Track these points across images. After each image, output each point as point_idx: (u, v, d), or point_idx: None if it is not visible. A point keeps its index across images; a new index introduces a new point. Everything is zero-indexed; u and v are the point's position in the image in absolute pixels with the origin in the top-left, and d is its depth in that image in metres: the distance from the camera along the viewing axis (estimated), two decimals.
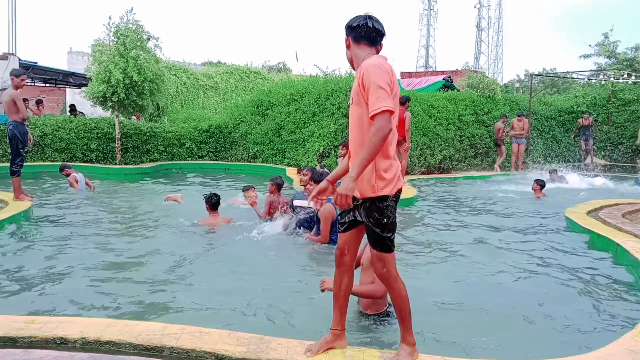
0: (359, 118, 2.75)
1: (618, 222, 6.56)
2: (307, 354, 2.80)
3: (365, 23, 2.80)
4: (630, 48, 20.97)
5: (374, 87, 2.59)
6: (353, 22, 2.84)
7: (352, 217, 2.86)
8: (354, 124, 2.81)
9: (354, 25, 2.83)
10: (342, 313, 2.94)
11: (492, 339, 3.58)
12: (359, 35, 2.82)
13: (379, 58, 2.75)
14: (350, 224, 2.89)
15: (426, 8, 60.74)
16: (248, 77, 21.44)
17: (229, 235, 6.30)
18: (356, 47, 2.85)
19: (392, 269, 2.79)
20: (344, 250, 2.89)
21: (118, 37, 11.79)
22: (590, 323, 3.91)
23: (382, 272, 2.80)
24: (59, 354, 2.81)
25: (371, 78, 2.61)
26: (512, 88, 33.43)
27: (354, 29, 2.83)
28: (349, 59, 2.93)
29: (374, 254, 2.79)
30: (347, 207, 2.64)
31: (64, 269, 4.86)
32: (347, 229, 2.90)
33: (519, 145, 14.42)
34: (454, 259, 5.59)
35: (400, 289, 2.82)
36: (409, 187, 10.14)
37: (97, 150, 12.73)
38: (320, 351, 2.82)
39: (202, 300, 4.09)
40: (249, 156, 13.88)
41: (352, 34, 2.84)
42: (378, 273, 2.83)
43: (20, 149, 7.68)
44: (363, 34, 2.81)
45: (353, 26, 2.83)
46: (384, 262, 2.77)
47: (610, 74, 18.13)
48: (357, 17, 2.85)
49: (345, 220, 2.90)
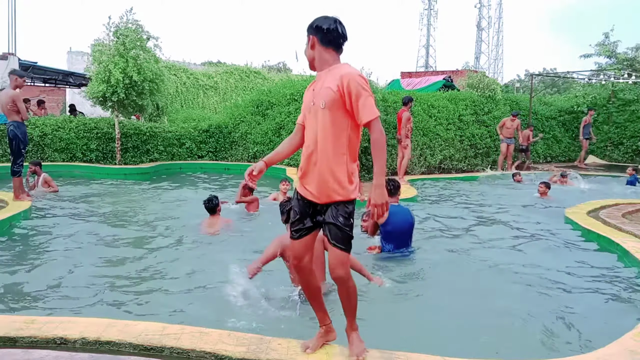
0: (333, 123, 2.73)
1: (618, 222, 6.57)
2: (308, 351, 2.89)
3: (335, 27, 2.78)
4: (630, 48, 20.95)
5: (364, 95, 2.67)
6: (323, 24, 2.78)
7: (310, 223, 2.89)
8: (326, 127, 2.75)
9: (325, 28, 2.77)
10: (323, 310, 3.03)
11: (492, 338, 3.58)
12: (328, 39, 2.78)
13: (353, 67, 2.79)
14: (308, 230, 2.91)
15: (426, 8, 60.84)
16: (248, 77, 21.43)
17: (230, 235, 6.31)
18: (323, 49, 2.81)
19: (349, 268, 2.86)
20: (302, 257, 2.92)
21: (118, 37, 11.78)
22: (590, 323, 3.91)
23: (342, 275, 2.80)
24: (59, 354, 2.81)
25: (360, 87, 2.67)
26: (512, 88, 33.43)
27: (323, 32, 2.78)
28: (309, 58, 2.88)
29: (338, 255, 2.78)
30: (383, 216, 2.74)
31: (64, 268, 4.86)
32: (301, 235, 2.91)
33: (508, 145, 14.17)
34: (453, 259, 5.59)
35: (354, 286, 2.90)
36: (409, 187, 10.15)
37: (96, 150, 12.73)
38: (318, 347, 2.94)
39: (202, 300, 4.10)
40: (249, 156, 13.87)
41: (320, 35, 2.79)
42: (338, 276, 2.81)
43: (21, 149, 7.69)
44: (332, 38, 2.79)
45: (323, 29, 2.77)
46: (344, 264, 2.80)
47: (610, 73, 18.13)
48: (326, 18, 2.81)
49: (303, 227, 2.90)
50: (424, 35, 61.07)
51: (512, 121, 14.01)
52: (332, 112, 2.73)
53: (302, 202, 2.88)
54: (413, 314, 4.03)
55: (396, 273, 4.95)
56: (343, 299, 2.91)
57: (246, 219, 7.37)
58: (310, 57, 2.87)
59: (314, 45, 2.83)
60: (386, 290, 4.41)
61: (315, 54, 2.84)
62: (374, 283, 4.42)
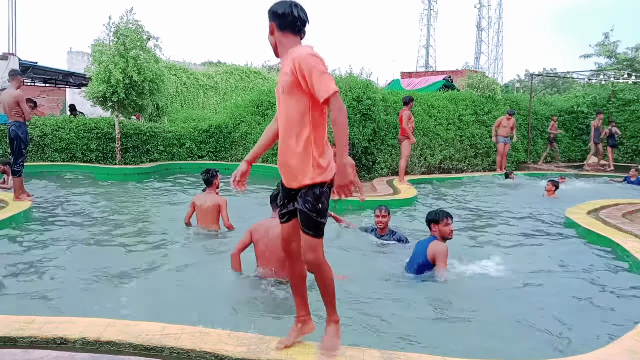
0: (294, 106, 2.72)
1: (618, 222, 6.57)
2: (279, 346, 2.86)
3: (290, 11, 2.74)
4: (630, 48, 21.01)
5: (316, 73, 2.59)
6: (278, 9, 2.75)
7: (292, 207, 2.89)
8: (288, 111, 2.75)
9: (280, 13, 2.75)
10: (303, 300, 3.02)
11: (492, 338, 3.58)
12: (284, 23, 2.76)
13: (308, 47, 2.74)
14: (291, 214, 2.91)
15: (426, 8, 60.87)
16: (248, 77, 21.42)
17: (230, 236, 6.30)
18: (281, 35, 2.79)
19: (321, 255, 2.83)
20: (290, 240, 2.94)
21: (118, 37, 11.78)
22: (591, 323, 3.91)
23: (312, 260, 2.81)
24: (59, 354, 2.81)
25: (311, 66, 2.61)
26: (512, 88, 33.42)
27: (279, 17, 2.75)
28: (272, 45, 2.85)
29: (307, 241, 2.79)
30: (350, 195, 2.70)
31: (64, 269, 4.87)
32: (289, 219, 2.93)
33: (504, 144, 14.11)
34: (453, 259, 5.58)
35: (329, 272, 2.88)
36: (409, 187, 10.15)
37: (97, 150, 12.73)
38: (292, 341, 2.90)
39: (202, 300, 4.09)
40: None
41: (277, 21, 2.76)
42: (308, 261, 2.83)
43: (22, 149, 7.69)
44: (288, 23, 2.76)
45: (278, 13, 2.75)
46: (314, 249, 2.79)
47: (610, 73, 18.13)
48: (282, 2, 2.78)
49: (286, 211, 2.92)
50: (423, 36, 61.16)
51: (507, 120, 13.83)
52: (291, 96, 2.72)
53: (283, 187, 2.92)
54: (413, 314, 4.02)
55: (396, 273, 4.95)
56: (320, 287, 2.90)
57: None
58: (272, 43, 2.84)
59: (273, 31, 2.80)
60: (386, 290, 4.41)
61: (276, 39, 2.81)
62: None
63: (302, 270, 3.00)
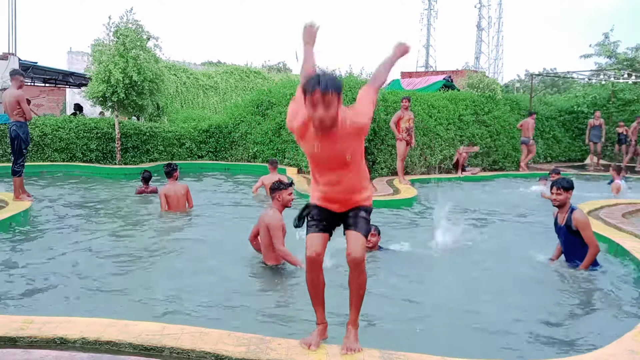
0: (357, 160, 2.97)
1: (618, 222, 6.56)
2: (312, 348, 2.89)
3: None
4: (630, 48, 21.00)
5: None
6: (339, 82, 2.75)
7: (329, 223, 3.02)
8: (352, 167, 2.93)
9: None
10: (323, 308, 3.08)
11: (492, 338, 3.58)
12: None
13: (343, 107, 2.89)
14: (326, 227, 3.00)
15: (426, 8, 60.77)
16: (248, 77, 21.43)
17: (231, 235, 6.30)
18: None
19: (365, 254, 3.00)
20: (320, 252, 2.94)
21: (118, 37, 11.78)
22: (591, 323, 3.92)
23: (363, 257, 2.88)
24: (59, 353, 2.81)
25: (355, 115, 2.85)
26: (512, 88, 33.42)
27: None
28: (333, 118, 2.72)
29: (361, 240, 2.90)
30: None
31: (64, 268, 4.87)
32: (322, 230, 2.98)
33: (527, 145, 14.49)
34: (453, 259, 5.59)
35: (366, 275, 2.97)
36: (409, 187, 10.15)
37: (96, 150, 12.73)
38: (319, 344, 2.95)
39: (202, 300, 4.09)
40: (249, 156, 13.87)
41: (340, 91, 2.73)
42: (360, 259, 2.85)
43: (23, 149, 7.69)
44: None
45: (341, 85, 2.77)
46: (364, 247, 2.94)
47: (610, 73, 18.13)
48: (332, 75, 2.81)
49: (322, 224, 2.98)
50: (424, 35, 61.02)
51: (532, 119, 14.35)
52: (354, 156, 2.86)
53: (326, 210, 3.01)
54: (413, 314, 4.02)
55: (396, 273, 4.95)
56: (354, 289, 2.92)
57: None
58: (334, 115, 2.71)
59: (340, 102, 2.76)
60: (386, 290, 4.41)
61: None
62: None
63: (323, 280, 3.02)
